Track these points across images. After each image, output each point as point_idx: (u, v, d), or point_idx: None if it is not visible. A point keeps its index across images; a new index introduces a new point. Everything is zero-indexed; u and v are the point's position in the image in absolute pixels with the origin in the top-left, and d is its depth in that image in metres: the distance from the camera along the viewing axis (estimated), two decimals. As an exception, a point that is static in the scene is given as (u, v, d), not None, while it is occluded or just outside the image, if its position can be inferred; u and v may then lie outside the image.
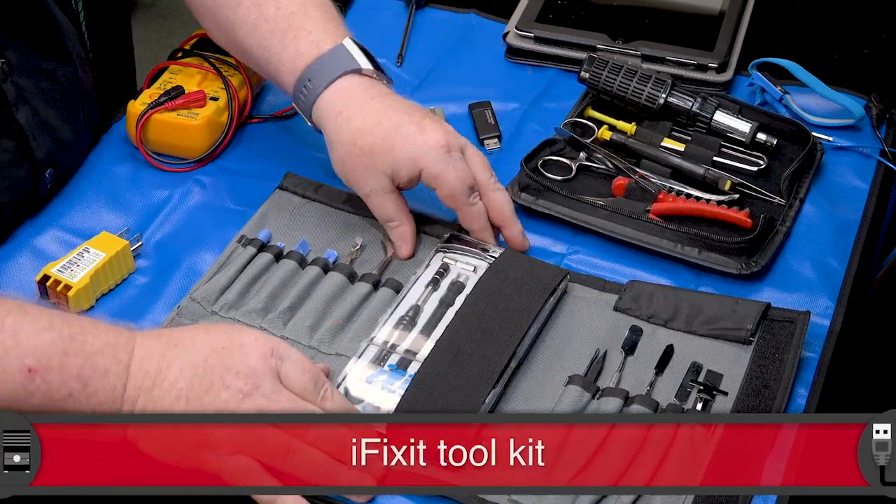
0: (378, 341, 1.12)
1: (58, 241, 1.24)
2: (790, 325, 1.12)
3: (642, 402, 1.07)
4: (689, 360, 1.12)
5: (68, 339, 0.98)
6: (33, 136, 1.23)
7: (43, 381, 0.96)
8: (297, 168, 1.31)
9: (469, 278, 1.18)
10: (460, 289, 1.17)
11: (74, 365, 0.97)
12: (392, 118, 1.18)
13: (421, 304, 1.16)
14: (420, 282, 1.18)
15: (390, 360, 1.10)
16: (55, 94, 1.27)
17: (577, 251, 1.25)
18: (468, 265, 1.19)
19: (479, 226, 1.20)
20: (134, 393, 0.99)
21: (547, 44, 1.48)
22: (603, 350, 1.13)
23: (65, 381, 0.97)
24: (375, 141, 1.18)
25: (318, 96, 1.21)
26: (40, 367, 0.96)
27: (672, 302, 1.16)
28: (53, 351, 0.97)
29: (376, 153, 1.18)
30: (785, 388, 1.08)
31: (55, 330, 0.98)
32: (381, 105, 1.20)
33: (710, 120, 1.34)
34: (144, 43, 2.91)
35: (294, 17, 1.23)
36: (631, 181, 1.29)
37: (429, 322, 1.14)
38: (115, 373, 0.99)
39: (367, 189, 1.20)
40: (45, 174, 1.26)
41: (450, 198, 1.19)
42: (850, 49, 1.53)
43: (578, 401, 1.08)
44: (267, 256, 1.20)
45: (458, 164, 1.18)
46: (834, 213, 1.29)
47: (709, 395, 1.09)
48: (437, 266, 1.19)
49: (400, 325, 1.13)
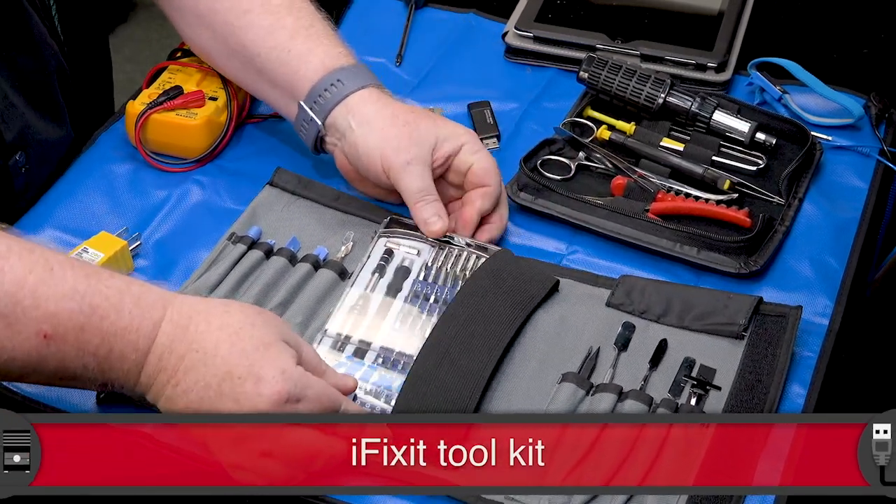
0: (332, 332, 1.13)
1: (57, 240, 1.24)
2: (782, 320, 1.13)
3: (636, 398, 1.07)
4: (682, 355, 1.12)
5: (88, 313, 0.96)
6: (2, 118, 1.23)
7: (58, 350, 0.96)
8: (296, 168, 1.31)
9: (414, 262, 1.19)
10: (406, 273, 1.18)
11: (91, 343, 0.97)
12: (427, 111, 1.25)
13: (369, 291, 1.17)
14: (366, 269, 1.19)
15: (346, 351, 1.11)
16: (19, 81, 1.27)
17: (575, 251, 1.25)
18: (412, 249, 1.20)
19: (484, 208, 1.22)
20: (147, 381, 0.99)
21: (546, 43, 1.48)
22: (596, 347, 1.13)
23: (80, 354, 0.97)
24: (419, 117, 1.21)
25: (353, 92, 1.21)
26: (56, 336, 0.95)
27: (664, 297, 1.16)
28: (71, 324, 0.96)
29: (421, 125, 1.20)
30: (778, 382, 1.08)
31: (76, 299, 0.96)
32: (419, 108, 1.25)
33: (709, 119, 1.34)
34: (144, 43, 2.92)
35: (314, 27, 1.26)
36: (630, 181, 1.29)
37: (379, 310, 1.15)
38: (132, 360, 0.98)
39: (408, 157, 1.19)
40: (17, 157, 1.25)
41: (484, 172, 1.21)
42: (849, 49, 1.53)
43: (573, 398, 1.08)
44: (257, 254, 1.20)
45: (488, 152, 1.24)
46: (833, 212, 1.29)
47: (702, 390, 1.09)
48: (381, 252, 1.20)
49: (352, 314, 1.14)
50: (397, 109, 1.22)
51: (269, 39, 1.25)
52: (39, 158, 1.29)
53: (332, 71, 1.22)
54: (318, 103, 1.22)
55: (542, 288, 1.17)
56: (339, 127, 1.22)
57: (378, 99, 1.22)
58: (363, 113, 1.21)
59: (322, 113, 1.22)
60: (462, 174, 1.22)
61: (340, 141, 1.23)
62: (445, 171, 1.23)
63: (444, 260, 1.20)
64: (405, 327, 1.15)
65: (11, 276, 0.95)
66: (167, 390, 0.99)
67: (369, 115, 1.21)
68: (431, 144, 1.20)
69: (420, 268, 1.19)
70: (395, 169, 1.19)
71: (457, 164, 1.22)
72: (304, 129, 1.25)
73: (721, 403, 1.08)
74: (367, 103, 1.22)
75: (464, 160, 1.21)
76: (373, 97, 1.22)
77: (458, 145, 1.21)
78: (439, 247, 1.21)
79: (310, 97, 1.23)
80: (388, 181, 1.20)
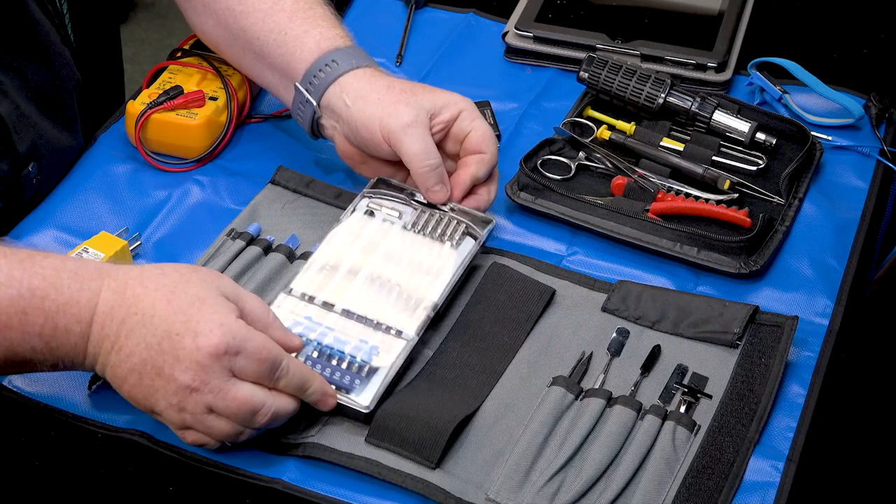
0: (296, 292, 1.12)
1: (57, 240, 1.24)
2: (777, 330, 1.12)
3: (625, 404, 1.07)
4: (675, 361, 1.12)
5: (28, 297, 0.97)
6: (14, 129, 1.24)
7: (4, 338, 0.97)
8: (296, 168, 1.31)
9: (393, 225, 1.18)
10: (383, 235, 1.18)
11: (35, 324, 0.98)
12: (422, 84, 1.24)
13: (343, 251, 1.16)
14: (343, 228, 1.18)
15: (308, 312, 1.11)
16: (32, 92, 1.27)
17: (575, 252, 1.25)
18: (393, 211, 1.20)
19: (480, 174, 1.21)
20: (94, 351, 1.00)
21: (546, 43, 1.48)
22: (589, 351, 1.13)
23: (26, 338, 0.98)
24: (415, 87, 1.22)
25: (347, 71, 1.21)
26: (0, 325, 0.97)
27: (660, 304, 1.16)
28: (13, 310, 0.97)
29: (418, 92, 1.20)
30: (770, 392, 1.07)
31: (14, 286, 0.97)
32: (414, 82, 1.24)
33: (709, 119, 1.34)
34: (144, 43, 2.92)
35: (313, 10, 1.26)
36: (630, 180, 1.29)
37: (350, 271, 1.14)
38: (77, 333, 0.99)
39: (407, 119, 1.18)
40: (29, 168, 1.26)
41: (482, 139, 1.20)
42: (849, 49, 1.53)
43: (561, 402, 1.08)
44: (255, 250, 1.20)
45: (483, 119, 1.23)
46: (833, 212, 1.29)
47: (693, 397, 1.09)
48: (362, 212, 1.20)
49: (320, 274, 1.14)
50: (392, 81, 1.22)
51: (268, 22, 1.25)
52: (51, 167, 1.29)
53: (327, 52, 1.22)
54: (313, 84, 1.22)
55: (538, 306, 1.17)
56: (335, 107, 1.21)
57: (372, 75, 1.22)
58: (356, 88, 1.21)
59: (317, 93, 1.22)
60: (459, 142, 1.22)
61: (339, 123, 1.22)
62: (443, 139, 1.22)
63: (424, 224, 1.19)
64: (373, 290, 1.14)
65: None
66: (112, 357, 1.00)
67: (364, 89, 1.20)
68: (429, 110, 1.20)
69: (399, 230, 1.18)
70: (395, 134, 1.18)
71: (455, 132, 1.21)
72: (301, 112, 1.24)
73: (711, 412, 1.08)
74: (360, 80, 1.21)
75: (462, 127, 1.21)
76: (366, 75, 1.22)
77: (457, 112, 1.21)
78: (422, 210, 1.20)
79: (305, 78, 1.23)
80: (390, 150, 1.19)
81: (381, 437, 1.04)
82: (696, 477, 1.02)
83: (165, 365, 0.98)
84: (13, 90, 1.25)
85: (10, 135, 1.23)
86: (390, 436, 1.04)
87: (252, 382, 1.00)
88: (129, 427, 1.07)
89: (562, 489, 1.02)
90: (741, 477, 1.03)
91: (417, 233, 1.18)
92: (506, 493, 1.01)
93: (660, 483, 1.02)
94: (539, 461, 1.04)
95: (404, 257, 1.16)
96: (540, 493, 1.01)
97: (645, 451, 1.04)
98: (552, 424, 1.06)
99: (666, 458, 1.03)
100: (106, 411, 1.08)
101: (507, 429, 1.07)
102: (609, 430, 1.05)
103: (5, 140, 1.23)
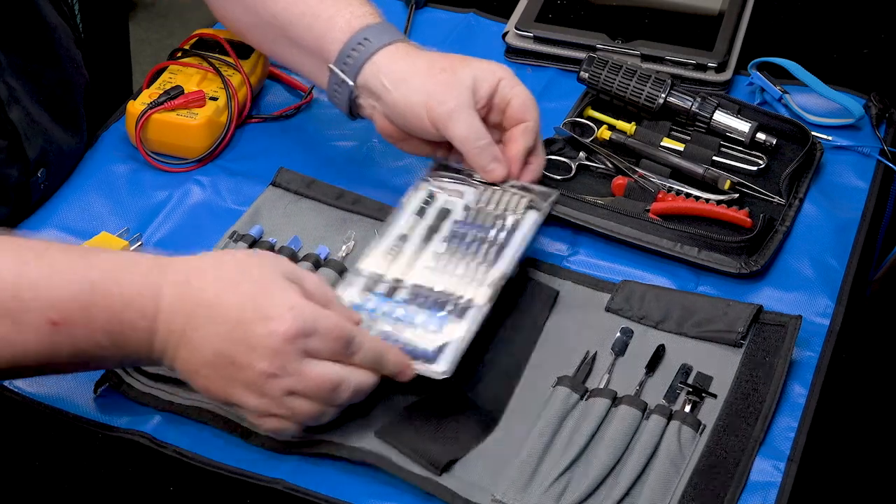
0: (365, 271, 1.12)
1: (58, 241, 1.24)
2: (781, 329, 1.12)
3: (630, 403, 1.07)
4: (679, 361, 1.12)
5: (90, 291, 0.96)
6: (25, 136, 1.23)
7: (69, 334, 0.96)
8: (297, 168, 1.31)
9: (455, 204, 1.19)
10: (445, 215, 1.18)
11: (100, 319, 0.96)
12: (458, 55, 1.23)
13: (408, 232, 1.17)
14: (406, 211, 1.19)
15: (378, 289, 1.11)
16: (44, 96, 1.27)
17: (577, 252, 1.24)
18: (455, 192, 1.21)
19: (528, 144, 1.21)
20: (161, 346, 0.99)
21: (546, 43, 1.48)
22: (593, 351, 1.13)
23: (91, 334, 0.96)
24: (454, 61, 1.20)
25: (380, 48, 1.21)
26: (64, 321, 0.95)
27: (664, 303, 1.16)
28: (76, 305, 0.96)
29: (457, 68, 1.19)
30: (774, 392, 1.07)
31: (76, 280, 0.96)
32: (448, 54, 1.24)
33: (709, 119, 1.34)
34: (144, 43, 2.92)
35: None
36: (630, 181, 1.29)
37: (416, 250, 1.15)
38: (143, 327, 0.97)
39: (453, 104, 1.18)
40: (38, 174, 1.26)
41: (523, 106, 1.20)
42: (849, 49, 1.53)
43: (566, 402, 1.08)
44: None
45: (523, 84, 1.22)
46: (833, 212, 1.29)
47: (698, 397, 1.09)
48: (424, 195, 1.20)
49: (389, 255, 1.14)
50: (430, 59, 1.21)
51: (299, 5, 1.24)
52: (58, 170, 1.29)
53: (358, 31, 1.22)
54: (348, 64, 1.21)
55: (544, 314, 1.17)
56: (373, 87, 1.21)
57: (407, 54, 1.21)
58: (395, 71, 1.20)
59: (352, 73, 1.21)
60: (502, 111, 1.21)
61: (378, 102, 1.22)
62: (487, 113, 1.21)
63: (487, 201, 1.20)
64: (440, 266, 1.14)
65: (5, 271, 0.95)
66: (181, 352, 0.98)
67: (403, 72, 1.20)
68: (471, 87, 1.19)
69: (462, 209, 1.19)
70: (442, 119, 1.18)
71: (497, 102, 1.21)
72: (338, 94, 1.24)
73: (716, 411, 1.08)
74: (397, 60, 1.21)
75: (502, 96, 1.20)
76: (400, 52, 1.21)
77: (496, 81, 1.20)
78: (483, 188, 1.21)
79: (339, 59, 1.22)
80: (438, 133, 1.19)
81: (391, 435, 1.04)
82: (703, 477, 1.02)
83: (239, 354, 0.97)
84: (24, 96, 1.24)
85: (22, 141, 1.23)
86: (400, 438, 1.04)
87: (328, 360, 0.99)
88: (130, 427, 1.07)
89: (568, 489, 1.02)
90: (747, 476, 1.03)
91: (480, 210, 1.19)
92: (512, 493, 1.01)
93: (666, 483, 1.02)
94: (545, 461, 1.04)
95: (468, 235, 1.16)
96: (546, 493, 1.01)
97: (651, 450, 1.04)
98: (558, 425, 1.06)
99: (672, 457, 1.03)
100: (106, 412, 1.08)
101: (512, 429, 1.07)
102: (615, 430, 1.05)
103: (16, 147, 1.23)
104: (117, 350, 0.98)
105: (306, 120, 1.41)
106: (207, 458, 1.04)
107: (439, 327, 1.07)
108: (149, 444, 1.05)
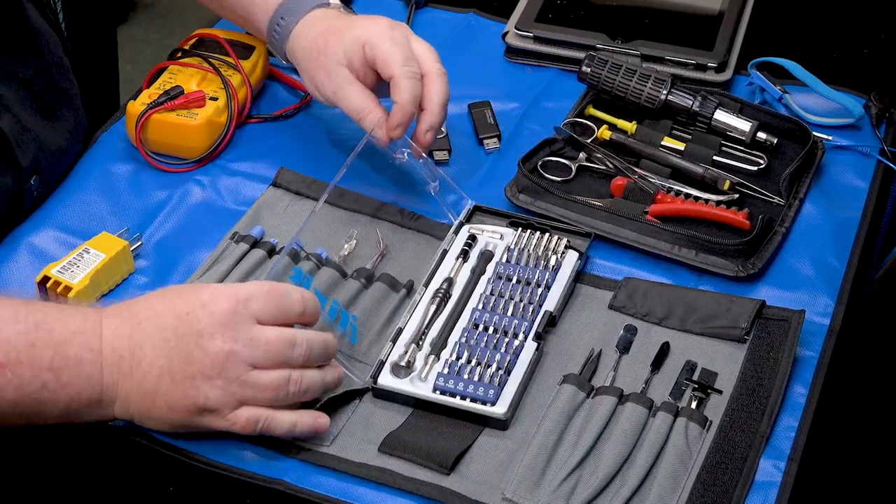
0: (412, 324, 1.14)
1: (57, 241, 1.24)
2: (784, 324, 1.12)
3: (637, 401, 1.07)
4: (683, 358, 1.12)
5: (34, 330, 0.97)
6: (17, 144, 1.23)
7: (14, 375, 0.96)
8: (297, 168, 1.31)
9: (497, 246, 1.21)
10: (489, 257, 1.20)
11: (44, 357, 0.97)
12: (349, 20, 1.25)
13: (453, 275, 1.18)
14: (449, 255, 1.20)
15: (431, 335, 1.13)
16: (34, 103, 1.27)
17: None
18: (495, 234, 1.22)
19: (403, 99, 1.20)
20: (112, 378, 0.99)
21: (546, 43, 1.48)
22: (598, 349, 1.13)
23: (36, 373, 0.97)
24: (328, 37, 1.23)
25: (291, 32, 1.26)
26: (9, 361, 0.96)
27: (666, 300, 1.16)
28: (21, 344, 0.96)
29: (329, 45, 1.23)
30: (779, 386, 1.08)
31: (20, 321, 0.97)
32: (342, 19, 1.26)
33: (710, 119, 1.33)
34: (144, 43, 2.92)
35: None
36: (630, 181, 1.29)
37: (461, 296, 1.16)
38: (89, 360, 0.98)
39: (332, 88, 1.23)
40: (31, 181, 1.26)
41: (384, 63, 1.20)
42: (849, 49, 1.53)
43: (573, 400, 1.08)
44: (259, 252, 1.21)
45: (398, 36, 1.21)
46: (834, 212, 1.29)
47: (703, 393, 1.09)
48: (465, 238, 1.22)
49: (434, 302, 1.15)
50: (314, 38, 1.24)
51: None
52: (51, 177, 1.29)
53: (275, 10, 1.28)
54: (276, 42, 1.29)
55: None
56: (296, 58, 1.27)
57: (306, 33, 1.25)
58: (298, 58, 1.26)
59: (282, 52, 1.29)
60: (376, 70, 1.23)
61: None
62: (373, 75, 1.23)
63: (526, 242, 1.21)
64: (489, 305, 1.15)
65: None
66: (134, 376, 0.99)
67: (300, 56, 1.26)
68: (342, 63, 1.22)
69: (503, 251, 1.20)
70: (331, 101, 1.24)
71: (370, 64, 1.22)
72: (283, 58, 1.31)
73: (722, 407, 1.08)
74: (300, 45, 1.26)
75: (370, 58, 1.21)
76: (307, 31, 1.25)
77: (360, 48, 1.21)
78: (521, 229, 1.23)
79: (269, 41, 1.31)
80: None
81: (393, 446, 1.05)
82: (711, 473, 1.02)
83: (191, 346, 0.98)
84: (15, 103, 1.24)
85: (13, 150, 1.23)
86: (402, 445, 1.04)
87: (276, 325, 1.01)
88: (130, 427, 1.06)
89: (578, 488, 1.02)
90: (755, 471, 1.03)
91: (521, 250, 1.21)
92: (522, 492, 1.01)
93: (675, 480, 1.02)
94: (554, 460, 1.04)
95: (513, 275, 1.18)
96: (556, 491, 1.01)
97: (658, 447, 1.04)
98: (565, 423, 1.06)
99: (679, 454, 1.03)
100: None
101: (519, 428, 1.07)
102: (622, 428, 1.05)
103: (8, 155, 1.23)
104: (62, 390, 0.98)
105: (306, 120, 1.41)
106: (207, 459, 1.04)
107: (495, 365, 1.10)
108: (149, 444, 1.05)
